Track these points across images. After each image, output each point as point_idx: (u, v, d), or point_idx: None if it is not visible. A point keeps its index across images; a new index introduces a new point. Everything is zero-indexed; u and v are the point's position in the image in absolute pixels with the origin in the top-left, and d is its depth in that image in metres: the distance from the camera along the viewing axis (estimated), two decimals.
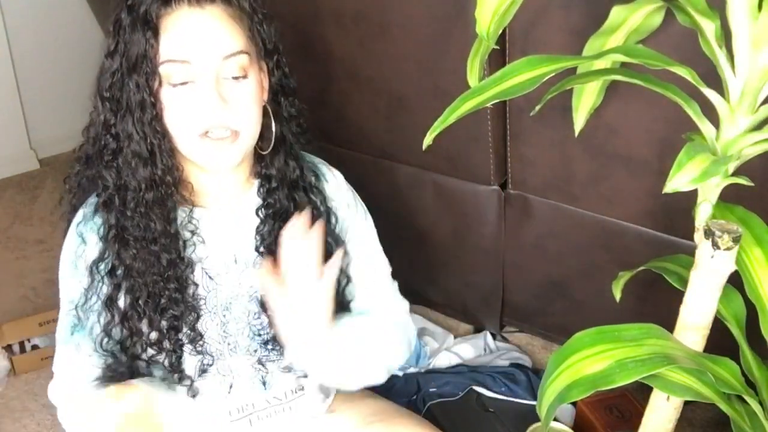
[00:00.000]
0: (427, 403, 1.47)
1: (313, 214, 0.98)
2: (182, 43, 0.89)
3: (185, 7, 0.89)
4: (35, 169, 2.69)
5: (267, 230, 1.00)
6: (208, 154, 0.93)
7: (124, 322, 0.96)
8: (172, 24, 0.89)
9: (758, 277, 0.82)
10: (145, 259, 0.94)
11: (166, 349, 0.97)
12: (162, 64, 0.89)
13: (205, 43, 0.89)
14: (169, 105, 0.91)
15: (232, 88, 0.91)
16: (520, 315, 1.68)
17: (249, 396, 1.05)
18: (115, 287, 0.95)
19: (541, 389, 0.79)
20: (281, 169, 1.00)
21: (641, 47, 0.81)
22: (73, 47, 2.68)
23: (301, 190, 1.02)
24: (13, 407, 1.56)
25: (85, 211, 0.98)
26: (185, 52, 0.88)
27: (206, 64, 0.89)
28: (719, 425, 1.47)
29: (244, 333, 1.03)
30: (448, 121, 0.81)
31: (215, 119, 0.90)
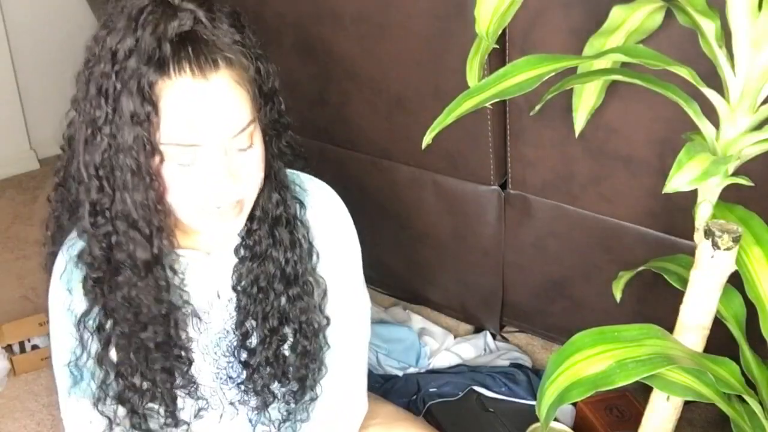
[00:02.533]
0: (427, 403, 1.47)
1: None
2: (190, 125, 0.78)
3: (188, 79, 0.76)
4: (35, 169, 2.69)
5: (245, 270, 0.95)
6: (213, 225, 0.86)
7: (118, 378, 0.92)
8: (175, 99, 0.77)
9: (758, 277, 0.82)
10: (134, 311, 0.89)
11: (159, 399, 0.95)
12: (165, 145, 0.79)
13: (215, 124, 0.78)
14: (174, 183, 0.81)
15: (239, 159, 0.82)
16: (520, 315, 1.68)
17: (238, 422, 1.05)
18: (106, 343, 0.91)
19: (541, 389, 0.79)
20: (264, 207, 0.92)
21: (641, 47, 0.81)
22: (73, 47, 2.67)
23: (283, 226, 0.94)
24: (13, 407, 1.56)
25: (66, 260, 0.92)
26: (194, 137, 0.78)
27: (216, 143, 0.79)
28: (719, 425, 1.47)
29: (233, 366, 1.01)
30: (448, 121, 0.81)
31: (225, 197, 0.83)
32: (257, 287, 0.95)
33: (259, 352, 0.98)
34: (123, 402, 0.94)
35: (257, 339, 0.98)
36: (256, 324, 0.97)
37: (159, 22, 0.76)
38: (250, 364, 0.98)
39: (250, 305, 0.96)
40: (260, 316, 0.96)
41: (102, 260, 0.86)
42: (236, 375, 1.01)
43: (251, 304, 0.96)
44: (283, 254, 0.94)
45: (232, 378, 1.01)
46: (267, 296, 0.95)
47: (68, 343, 0.93)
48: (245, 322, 0.97)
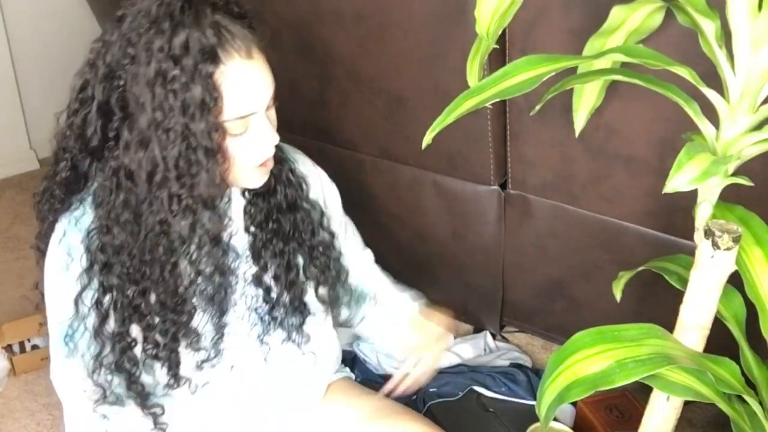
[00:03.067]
0: (427, 403, 1.47)
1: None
2: (246, 98, 0.89)
3: (238, 59, 0.87)
4: (35, 169, 2.69)
5: (254, 210, 1.04)
6: (260, 178, 0.97)
7: (115, 348, 0.94)
8: (232, 78, 0.86)
9: (758, 277, 0.82)
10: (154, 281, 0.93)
11: (162, 358, 0.97)
12: (228, 121, 0.88)
13: (264, 93, 0.91)
14: (237, 152, 0.91)
15: (271, 116, 0.95)
16: (520, 315, 1.68)
17: (250, 375, 1.06)
18: (104, 318, 0.93)
19: (541, 389, 0.79)
20: None
21: (641, 47, 0.81)
22: (73, 47, 2.68)
23: (277, 164, 1.03)
24: (13, 407, 1.56)
25: (65, 228, 0.94)
26: (249, 107, 0.89)
27: (263, 107, 0.91)
28: (719, 425, 1.47)
29: (244, 318, 1.04)
30: (448, 121, 0.81)
31: (269, 151, 0.94)
32: (271, 220, 1.04)
33: (278, 283, 1.06)
34: (120, 370, 0.96)
35: (273, 271, 1.05)
36: (271, 255, 1.05)
37: (198, 16, 0.85)
38: (271, 297, 1.06)
39: (266, 241, 1.04)
40: (275, 248, 1.05)
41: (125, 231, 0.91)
42: (261, 310, 1.06)
43: (266, 239, 1.04)
44: (282, 187, 1.05)
45: (257, 313, 1.06)
46: (280, 226, 1.05)
47: (65, 307, 0.94)
48: (261, 258, 1.04)
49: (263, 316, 1.06)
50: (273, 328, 1.07)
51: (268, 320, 1.06)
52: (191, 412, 1.04)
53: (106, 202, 0.91)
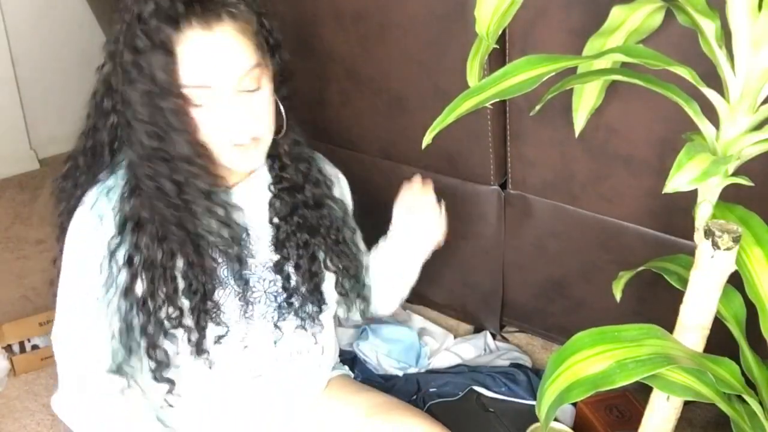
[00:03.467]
0: (427, 403, 1.47)
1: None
2: (199, 68, 0.91)
3: (197, 30, 0.90)
4: (35, 169, 2.69)
5: (279, 204, 1.08)
6: (237, 160, 0.99)
7: (143, 308, 0.98)
8: (186, 48, 0.90)
9: (758, 277, 0.82)
10: (181, 243, 0.97)
11: (186, 326, 1.00)
12: (185, 88, 0.91)
13: (221, 67, 0.92)
14: (201, 123, 0.94)
15: (249, 99, 0.94)
16: (520, 315, 1.68)
17: (261, 356, 1.08)
18: (133, 276, 0.97)
19: (541, 390, 0.79)
20: (288, 146, 1.07)
21: (641, 47, 0.81)
22: (73, 47, 2.68)
23: (306, 162, 1.10)
24: (13, 407, 1.56)
25: (98, 194, 0.99)
26: (203, 78, 0.91)
27: (224, 85, 0.92)
28: (719, 425, 1.47)
29: (261, 301, 1.07)
30: (448, 121, 0.81)
31: (238, 136, 0.95)
32: (296, 215, 1.08)
33: (298, 272, 1.09)
34: (144, 334, 0.99)
35: (295, 261, 1.09)
36: (294, 247, 1.08)
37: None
38: (290, 285, 1.09)
39: (290, 233, 1.08)
40: (299, 240, 1.08)
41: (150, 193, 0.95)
42: (280, 297, 1.09)
43: (290, 231, 1.07)
44: (310, 186, 1.09)
45: (276, 300, 1.08)
46: (305, 221, 1.09)
47: (92, 268, 0.98)
48: (284, 248, 1.08)
49: (281, 303, 1.08)
50: (288, 315, 1.09)
51: (285, 306, 1.09)
52: (201, 389, 1.06)
53: (134, 165, 0.96)
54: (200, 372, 1.05)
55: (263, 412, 1.12)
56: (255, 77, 0.94)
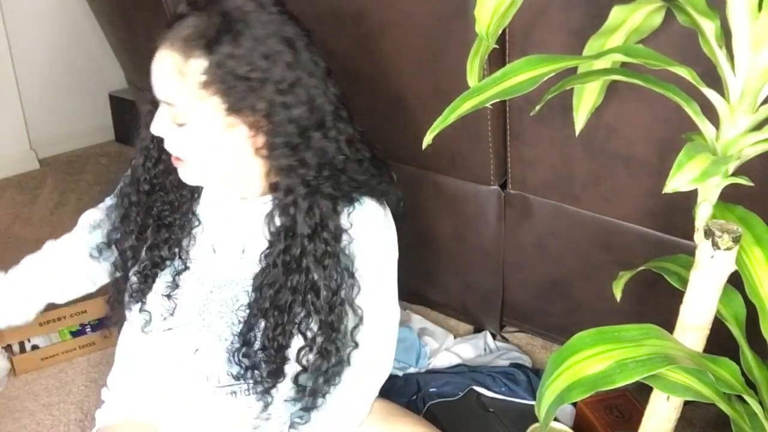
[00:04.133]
0: (427, 403, 1.47)
1: None
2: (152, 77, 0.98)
3: (160, 47, 0.96)
4: (35, 169, 2.69)
5: (272, 246, 1.02)
6: (179, 170, 1.03)
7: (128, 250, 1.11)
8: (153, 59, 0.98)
9: (758, 277, 0.82)
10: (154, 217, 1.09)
11: (143, 272, 1.08)
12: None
13: (154, 83, 0.98)
14: None
15: (173, 128, 0.98)
16: (520, 315, 1.68)
17: (212, 367, 1.07)
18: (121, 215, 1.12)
19: (541, 390, 0.79)
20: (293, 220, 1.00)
21: (641, 47, 0.80)
22: (73, 47, 2.68)
23: (319, 237, 1.00)
24: (13, 407, 1.56)
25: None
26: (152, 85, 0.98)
27: (162, 100, 0.98)
28: (719, 425, 1.47)
29: (224, 318, 1.06)
30: (448, 121, 0.81)
31: (166, 144, 1.01)
32: (285, 259, 1.01)
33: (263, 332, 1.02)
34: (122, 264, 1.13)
35: (264, 321, 1.02)
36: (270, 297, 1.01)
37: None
38: (249, 339, 1.03)
39: (273, 274, 1.01)
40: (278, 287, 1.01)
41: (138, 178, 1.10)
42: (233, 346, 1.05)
43: (274, 273, 1.01)
44: (310, 240, 1.00)
45: (237, 326, 1.05)
46: (298, 268, 1.00)
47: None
48: (262, 290, 1.02)
49: (237, 337, 1.05)
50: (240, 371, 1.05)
51: (239, 358, 1.04)
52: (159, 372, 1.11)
53: None
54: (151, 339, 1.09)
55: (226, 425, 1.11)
56: (173, 112, 0.96)
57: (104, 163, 2.76)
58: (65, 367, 1.66)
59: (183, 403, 1.10)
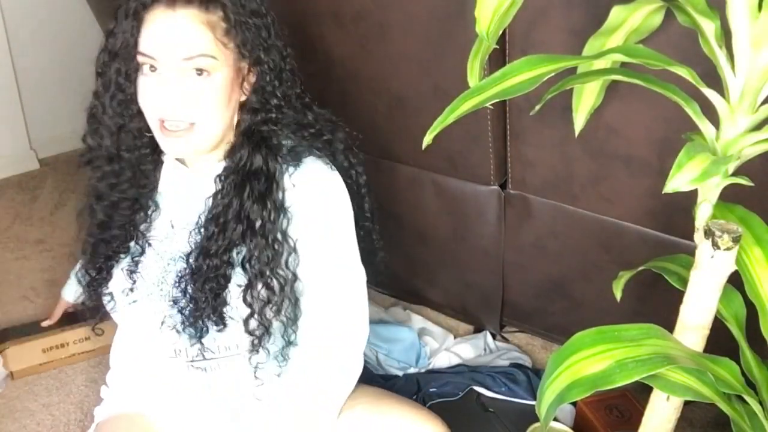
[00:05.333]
0: (427, 403, 1.47)
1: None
2: (152, 40, 0.97)
3: (162, 7, 0.97)
4: (35, 169, 2.69)
5: (207, 211, 1.07)
6: (165, 142, 1.01)
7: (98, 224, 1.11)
8: (150, 20, 0.97)
9: (758, 277, 0.82)
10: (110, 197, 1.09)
11: (97, 258, 1.10)
12: (137, 54, 0.98)
13: (170, 45, 0.96)
14: (140, 88, 1.00)
15: (194, 82, 0.98)
16: (520, 315, 1.68)
17: (181, 340, 1.08)
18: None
19: (541, 389, 0.79)
20: (242, 159, 1.05)
21: (641, 47, 0.80)
22: (73, 47, 2.68)
23: (257, 180, 1.04)
24: (13, 407, 1.56)
25: None
26: (153, 49, 0.97)
27: (169, 62, 0.97)
28: (719, 425, 1.47)
29: (178, 288, 1.08)
30: (448, 121, 0.81)
31: (170, 113, 0.98)
32: (217, 222, 1.04)
33: (200, 284, 1.04)
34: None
35: (203, 272, 1.04)
36: (205, 256, 1.04)
37: None
38: (191, 293, 1.06)
39: (207, 237, 1.05)
40: (212, 250, 1.04)
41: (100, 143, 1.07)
42: (180, 299, 1.07)
43: (208, 236, 1.05)
44: (250, 203, 1.04)
45: (175, 301, 1.08)
46: (224, 232, 1.04)
47: None
48: (197, 253, 1.06)
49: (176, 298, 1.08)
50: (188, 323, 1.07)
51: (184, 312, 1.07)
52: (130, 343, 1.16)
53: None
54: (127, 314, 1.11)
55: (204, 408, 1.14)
56: (201, 66, 0.97)
57: None
58: (65, 367, 1.66)
59: (167, 385, 1.13)
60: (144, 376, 1.18)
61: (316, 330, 1.09)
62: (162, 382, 1.16)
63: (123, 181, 1.08)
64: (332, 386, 1.09)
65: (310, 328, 1.09)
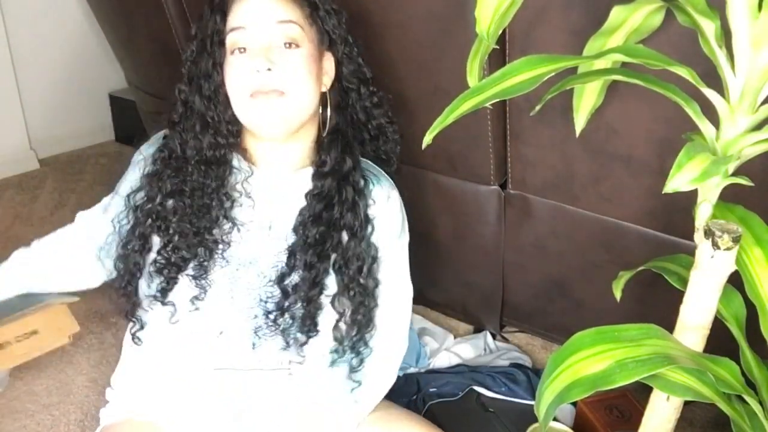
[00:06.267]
0: (427, 403, 1.47)
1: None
2: (242, 13, 1.00)
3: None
4: (35, 169, 2.69)
5: (308, 214, 1.07)
6: (258, 113, 1.01)
7: (136, 242, 1.08)
8: (237, 3, 1.01)
9: (758, 277, 0.82)
10: (191, 207, 1.05)
11: (164, 273, 1.06)
12: (227, 35, 1.01)
13: (260, 11, 1.00)
14: (229, 71, 1.02)
15: (282, 53, 1.00)
16: (520, 315, 1.68)
17: (235, 351, 1.07)
18: (143, 218, 1.07)
19: (541, 389, 0.79)
20: (335, 158, 1.07)
21: (641, 47, 0.80)
22: (73, 47, 2.68)
23: (350, 186, 1.08)
24: (13, 407, 1.56)
25: (153, 139, 1.12)
26: (243, 20, 1.00)
27: (260, 28, 0.99)
28: (719, 425, 1.47)
29: (251, 295, 1.07)
30: (448, 121, 0.81)
31: (261, 81, 0.99)
32: (317, 230, 1.06)
33: (295, 294, 1.06)
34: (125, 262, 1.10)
35: (298, 280, 1.06)
36: (303, 265, 1.06)
37: None
38: (284, 305, 1.06)
39: (304, 246, 1.06)
40: (309, 260, 1.05)
41: (174, 150, 1.06)
42: (271, 302, 1.07)
43: (305, 245, 1.05)
44: (344, 209, 1.07)
45: (265, 303, 1.07)
46: (324, 241, 1.06)
47: (117, 199, 1.12)
48: (292, 262, 1.06)
49: (269, 311, 1.07)
50: (271, 328, 1.07)
51: (272, 320, 1.06)
52: (172, 359, 1.11)
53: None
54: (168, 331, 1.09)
55: (227, 415, 1.11)
56: (291, 34, 1.00)
57: (104, 163, 2.76)
58: (65, 367, 1.66)
59: (191, 391, 1.10)
60: (156, 381, 1.14)
61: (380, 339, 1.14)
62: (184, 389, 1.11)
63: (197, 187, 1.06)
64: (372, 394, 1.14)
65: (376, 337, 1.14)
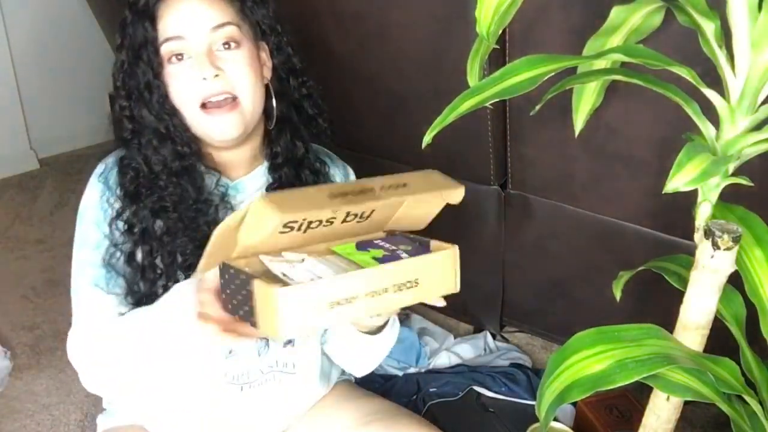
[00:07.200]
0: (427, 403, 1.47)
1: None
2: (176, 21, 0.96)
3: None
4: (35, 169, 2.69)
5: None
6: (211, 124, 0.98)
7: (143, 277, 0.99)
8: (167, 8, 0.97)
9: (758, 277, 0.82)
10: (181, 221, 0.99)
11: (161, 284, 1.00)
12: (161, 45, 0.96)
13: (195, 18, 0.96)
14: (171, 82, 0.98)
15: (224, 56, 0.97)
16: (520, 315, 1.68)
17: (245, 363, 1.06)
18: (134, 244, 0.99)
19: (541, 389, 0.79)
20: (287, 147, 1.06)
21: (641, 47, 0.80)
22: (73, 47, 2.68)
23: (307, 170, 1.07)
24: (13, 407, 1.56)
25: (106, 165, 1.03)
26: (178, 29, 0.96)
27: (197, 36, 0.96)
28: (719, 425, 1.47)
29: None
30: (448, 120, 0.81)
31: (211, 87, 0.96)
32: None
33: None
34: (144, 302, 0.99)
35: None
36: None
37: None
38: None
39: None
40: None
41: (141, 168, 1.00)
42: None
43: None
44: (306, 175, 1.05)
45: None
46: None
47: (96, 238, 1.00)
48: None
49: None
50: None
51: None
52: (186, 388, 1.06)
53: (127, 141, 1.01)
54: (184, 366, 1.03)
55: (245, 427, 1.10)
56: (229, 35, 0.97)
57: None
58: (65, 367, 1.66)
59: (198, 409, 1.08)
60: (157, 394, 1.10)
61: None
62: (185, 399, 1.08)
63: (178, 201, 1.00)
64: None
65: None
